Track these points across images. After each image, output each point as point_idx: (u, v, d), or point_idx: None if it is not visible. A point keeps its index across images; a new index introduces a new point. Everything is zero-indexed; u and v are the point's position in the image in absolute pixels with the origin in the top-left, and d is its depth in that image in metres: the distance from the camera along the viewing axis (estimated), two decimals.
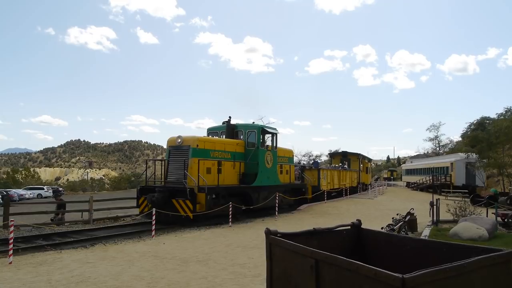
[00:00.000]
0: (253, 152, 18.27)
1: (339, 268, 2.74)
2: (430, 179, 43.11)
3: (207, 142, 16.53)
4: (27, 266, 8.20)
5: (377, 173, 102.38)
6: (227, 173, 17.05)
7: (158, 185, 16.08)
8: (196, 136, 16.26)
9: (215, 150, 16.60)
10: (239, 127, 19.11)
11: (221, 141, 17.85)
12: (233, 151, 17.71)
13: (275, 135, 19.95)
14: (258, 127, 18.71)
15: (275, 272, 3.57)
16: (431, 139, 75.89)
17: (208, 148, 16.25)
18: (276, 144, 19.99)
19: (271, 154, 19.31)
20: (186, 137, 16.01)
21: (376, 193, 34.43)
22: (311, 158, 54.82)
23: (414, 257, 3.72)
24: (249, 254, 9.51)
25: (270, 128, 19.60)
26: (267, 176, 18.96)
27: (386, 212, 20.09)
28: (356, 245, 4.24)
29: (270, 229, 3.64)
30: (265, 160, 18.80)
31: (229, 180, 17.07)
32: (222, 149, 17.06)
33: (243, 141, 18.65)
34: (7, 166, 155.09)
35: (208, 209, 14.81)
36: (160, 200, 14.50)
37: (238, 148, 18.19)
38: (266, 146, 19.34)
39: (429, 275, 2.37)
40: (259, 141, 18.52)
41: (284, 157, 21.94)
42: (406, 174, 63.04)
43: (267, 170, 18.95)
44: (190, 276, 7.37)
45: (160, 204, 14.31)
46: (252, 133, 18.72)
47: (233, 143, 18.04)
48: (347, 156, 38.36)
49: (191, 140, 15.86)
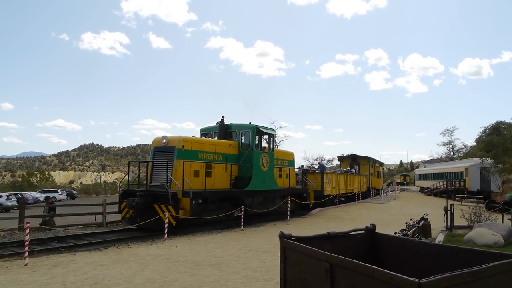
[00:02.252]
0: (247, 154, 17.08)
1: (354, 272, 2.74)
2: (444, 184, 42.58)
3: (195, 143, 15.36)
4: (42, 268, 8.31)
5: (390, 177, 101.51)
6: (218, 176, 15.94)
7: (140, 189, 15.05)
8: (182, 136, 15.03)
9: (204, 152, 15.47)
10: (233, 127, 17.89)
11: (211, 141, 16.69)
12: (225, 153, 16.55)
13: (272, 136, 18.85)
14: (252, 127, 17.39)
15: (289, 276, 3.57)
16: (445, 143, 75.32)
17: (195, 150, 15.12)
18: (273, 145, 18.99)
19: (267, 156, 18.10)
20: (171, 137, 14.95)
21: (388, 198, 34.12)
22: (322, 162, 54.49)
23: (429, 262, 3.69)
24: (261, 258, 9.50)
25: (266, 129, 18.48)
26: (263, 179, 17.72)
27: (399, 217, 19.88)
28: (370, 249, 4.22)
29: (284, 233, 3.64)
30: (260, 162, 17.59)
31: (220, 184, 15.96)
32: (212, 151, 15.90)
33: (236, 142, 17.46)
34: (22, 170, 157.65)
35: (193, 215, 13.77)
36: (140, 205, 13.55)
37: (231, 149, 17.00)
38: (263, 147, 18.30)
39: (446, 280, 2.35)
40: (253, 142, 17.27)
41: (284, 160, 20.88)
42: (420, 179, 62.38)
43: (263, 173, 17.71)
44: (203, 279, 7.39)
45: (141, 210, 13.57)
46: (246, 133, 17.56)
47: (225, 144, 16.85)
48: (357, 159, 36.82)
49: (177, 141, 14.70)
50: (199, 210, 14.30)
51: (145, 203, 13.61)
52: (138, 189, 15.19)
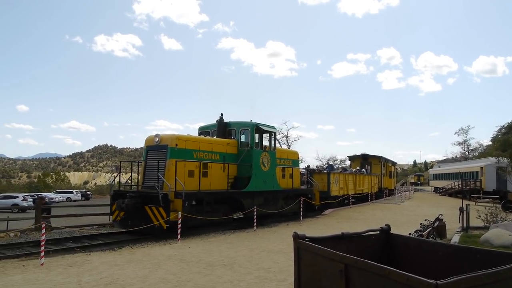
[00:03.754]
0: (246, 153, 16.32)
1: (369, 273, 2.71)
2: (459, 184, 42.00)
3: (189, 141, 14.61)
4: (58, 268, 8.41)
5: (403, 178, 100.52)
6: (216, 176, 15.17)
7: (131, 190, 14.61)
8: (175, 134, 14.38)
9: (199, 151, 14.76)
10: (232, 125, 17.17)
11: (207, 140, 15.93)
12: (223, 152, 15.78)
13: (273, 134, 18.04)
14: (252, 125, 16.62)
15: (303, 277, 3.55)
16: (460, 143, 74.36)
17: (190, 148, 14.41)
18: (274, 144, 18.17)
19: (268, 155, 17.27)
20: (164, 136, 14.26)
21: (402, 198, 33.76)
22: (330, 161, 54.16)
23: (445, 263, 3.64)
24: (274, 258, 9.48)
25: (267, 126, 17.52)
26: (263, 180, 16.93)
27: (413, 217, 19.67)
28: (385, 250, 4.18)
29: (298, 233, 3.63)
30: (261, 162, 16.80)
31: (217, 184, 15.18)
32: (208, 150, 15.19)
33: (235, 141, 16.72)
34: (38, 171, 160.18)
35: (185, 217, 12.96)
36: (130, 206, 12.94)
37: (229, 148, 16.25)
38: (264, 146, 17.48)
39: (464, 282, 2.31)
40: (253, 141, 16.50)
41: (288, 159, 20.14)
42: (434, 179, 61.72)
43: (263, 173, 16.92)
44: (216, 280, 7.40)
45: (132, 212, 13.03)
46: (246, 131, 16.78)
47: (223, 143, 16.10)
48: (368, 159, 35.56)
49: (169, 139, 14.00)
50: (193, 212, 13.52)
51: (135, 205, 12.99)
52: (129, 190, 14.70)
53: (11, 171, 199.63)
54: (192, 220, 13.34)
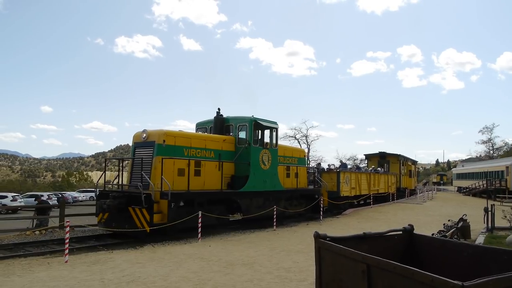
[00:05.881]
0: (243, 150, 15.24)
1: (392, 274, 2.66)
2: (484, 183, 41.04)
3: (179, 137, 13.60)
4: (81, 265, 8.58)
5: (426, 177, 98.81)
6: (210, 175, 14.16)
7: (114, 190, 13.81)
8: (163, 130, 13.33)
9: (191, 148, 13.77)
10: (229, 121, 16.10)
11: (200, 136, 15.00)
12: (218, 149, 14.77)
13: (275, 130, 16.78)
14: (250, 120, 15.46)
15: (325, 277, 3.51)
16: (484, 141, 72.75)
17: (180, 145, 13.45)
18: (276, 141, 16.89)
19: (268, 152, 16.14)
20: (151, 131, 13.33)
21: (424, 198, 33.17)
22: (355, 162, 53.61)
23: (471, 264, 3.55)
24: (294, 258, 9.44)
25: (267, 122, 16.26)
26: (263, 179, 15.81)
27: (436, 218, 19.30)
28: (407, 251, 4.11)
29: (320, 233, 3.59)
30: (260, 160, 15.68)
31: (212, 184, 14.15)
32: (201, 147, 14.18)
33: (233, 137, 15.68)
34: (62, 170, 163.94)
35: (172, 220, 12.09)
36: (113, 207, 12.13)
37: (225, 145, 15.17)
38: (265, 143, 16.34)
39: (492, 283, 2.24)
40: (251, 137, 15.34)
41: (293, 157, 18.91)
42: (458, 178, 60.53)
43: (263, 172, 15.81)
44: (236, 279, 7.42)
45: (115, 213, 12.27)
46: (244, 127, 15.67)
47: (218, 140, 15.08)
48: (386, 157, 34.08)
49: (157, 135, 13.07)
50: (182, 214, 12.50)
51: (118, 206, 12.16)
52: (113, 189, 13.97)
53: (36, 170, 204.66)
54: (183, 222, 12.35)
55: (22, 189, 59.85)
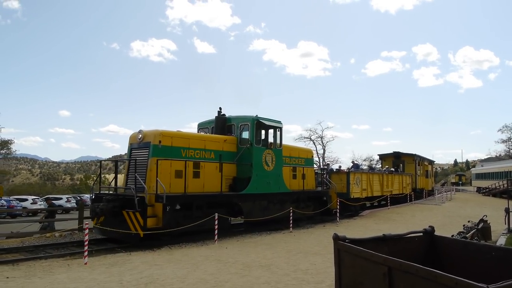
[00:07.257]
0: (245, 151, 14.66)
1: (415, 276, 2.62)
2: (504, 183, 40.19)
3: (176, 138, 13.09)
4: (100, 267, 8.69)
5: (444, 177, 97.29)
6: (210, 177, 13.61)
7: (108, 193, 13.43)
8: (159, 130, 12.81)
9: (189, 148, 13.25)
10: (231, 121, 15.55)
11: (199, 136, 14.53)
12: (219, 150, 14.21)
13: (279, 129, 16.07)
14: (252, 119, 14.88)
15: (344, 279, 3.48)
16: (504, 140, 71.18)
17: (177, 146, 12.94)
18: (281, 141, 16.25)
19: (272, 153, 15.56)
20: (147, 132, 12.87)
21: (443, 199, 32.63)
22: (371, 162, 53.09)
23: (494, 266, 3.47)
24: (311, 260, 9.39)
25: (271, 121, 15.63)
26: (267, 181, 15.18)
27: (455, 219, 18.98)
28: (428, 253, 4.04)
29: (338, 235, 3.56)
30: (263, 160, 15.08)
31: (212, 186, 13.58)
32: (200, 147, 13.64)
33: (234, 138, 15.06)
34: (80, 173, 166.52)
35: (167, 224, 11.61)
36: (106, 211, 11.73)
37: (227, 146, 14.59)
38: (269, 143, 15.82)
39: None
40: (253, 137, 14.75)
41: (300, 158, 18.13)
42: (477, 178, 59.43)
43: (266, 173, 15.18)
44: (253, 280, 7.41)
45: (108, 217, 11.88)
46: (246, 127, 15.08)
47: (218, 140, 14.52)
48: (401, 157, 32.91)
49: (152, 135, 12.58)
50: (180, 218, 12.09)
51: (112, 209, 11.74)
52: (108, 192, 13.60)
53: (55, 173, 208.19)
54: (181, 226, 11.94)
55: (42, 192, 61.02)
